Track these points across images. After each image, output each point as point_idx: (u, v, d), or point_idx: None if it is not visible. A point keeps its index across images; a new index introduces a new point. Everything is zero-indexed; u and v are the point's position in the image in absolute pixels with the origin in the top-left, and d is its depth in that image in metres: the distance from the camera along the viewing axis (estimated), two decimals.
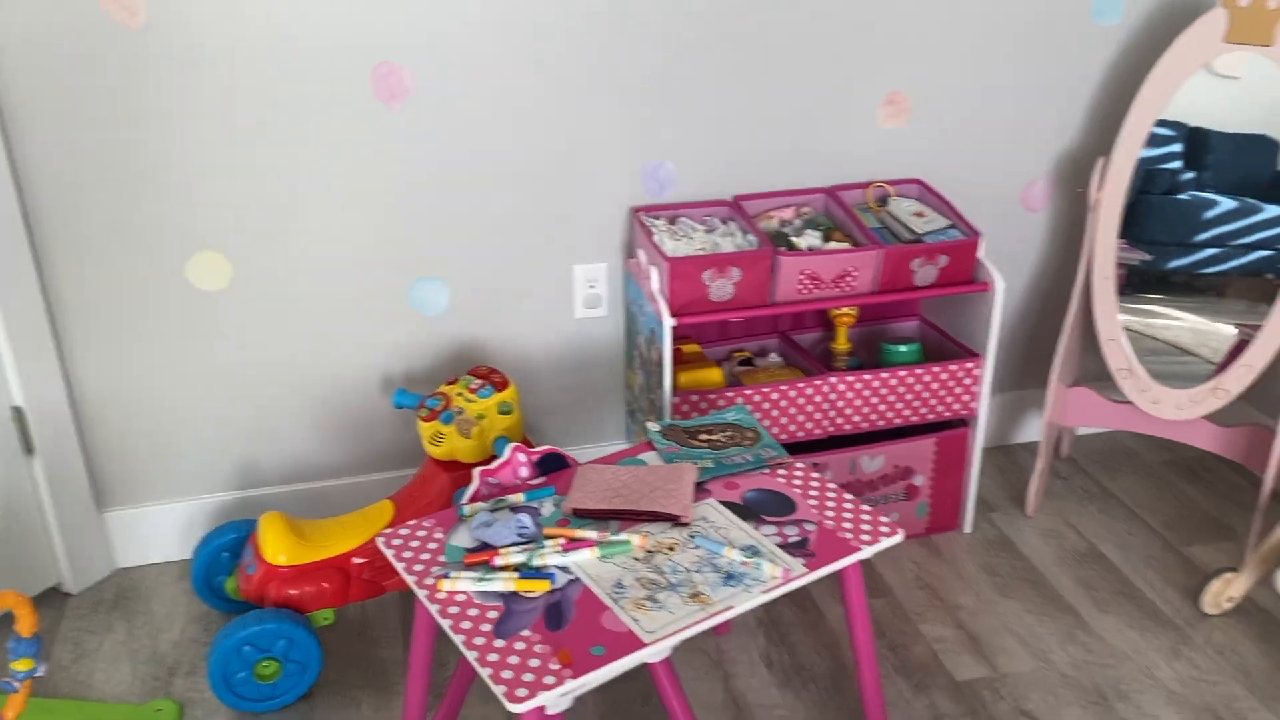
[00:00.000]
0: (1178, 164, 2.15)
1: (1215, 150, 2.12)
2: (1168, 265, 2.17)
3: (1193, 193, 2.15)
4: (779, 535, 1.46)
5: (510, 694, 1.18)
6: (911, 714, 1.76)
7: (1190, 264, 2.16)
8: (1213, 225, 2.13)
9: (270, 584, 1.78)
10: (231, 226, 1.92)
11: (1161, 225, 2.16)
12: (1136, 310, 2.16)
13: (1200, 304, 2.15)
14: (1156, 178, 2.14)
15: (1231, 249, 2.13)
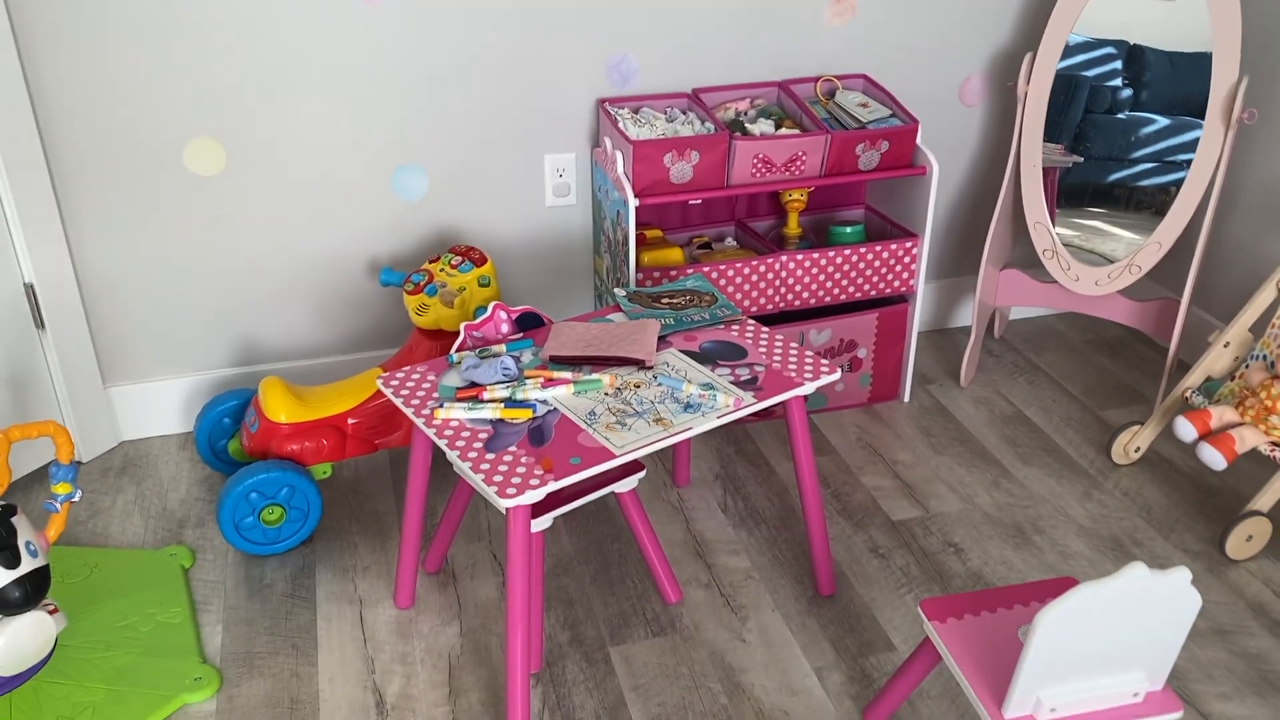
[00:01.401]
0: (1118, 82, 2.32)
1: (1153, 69, 2.27)
2: (1108, 179, 2.35)
3: (1130, 111, 2.32)
4: (732, 375, 1.66)
5: (501, 492, 1.37)
6: (851, 547, 1.98)
7: (1128, 177, 2.34)
8: (1148, 142, 2.29)
9: (272, 440, 1.95)
10: (226, 114, 2.06)
11: (1102, 141, 2.34)
12: (1078, 225, 2.34)
13: (1137, 220, 2.32)
14: (1098, 95, 2.31)
15: (1165, 164, 2.31)
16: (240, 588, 1.89)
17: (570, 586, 1.88)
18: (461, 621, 1.81)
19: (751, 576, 1.91)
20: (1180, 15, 2.13)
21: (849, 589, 1.88)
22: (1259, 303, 2.06)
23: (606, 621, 1.80)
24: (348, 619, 1.82)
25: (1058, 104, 2.29)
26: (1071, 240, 2.35)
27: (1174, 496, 2.12)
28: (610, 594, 1.86)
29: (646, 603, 1.84)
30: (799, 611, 1.83)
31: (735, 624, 1.80)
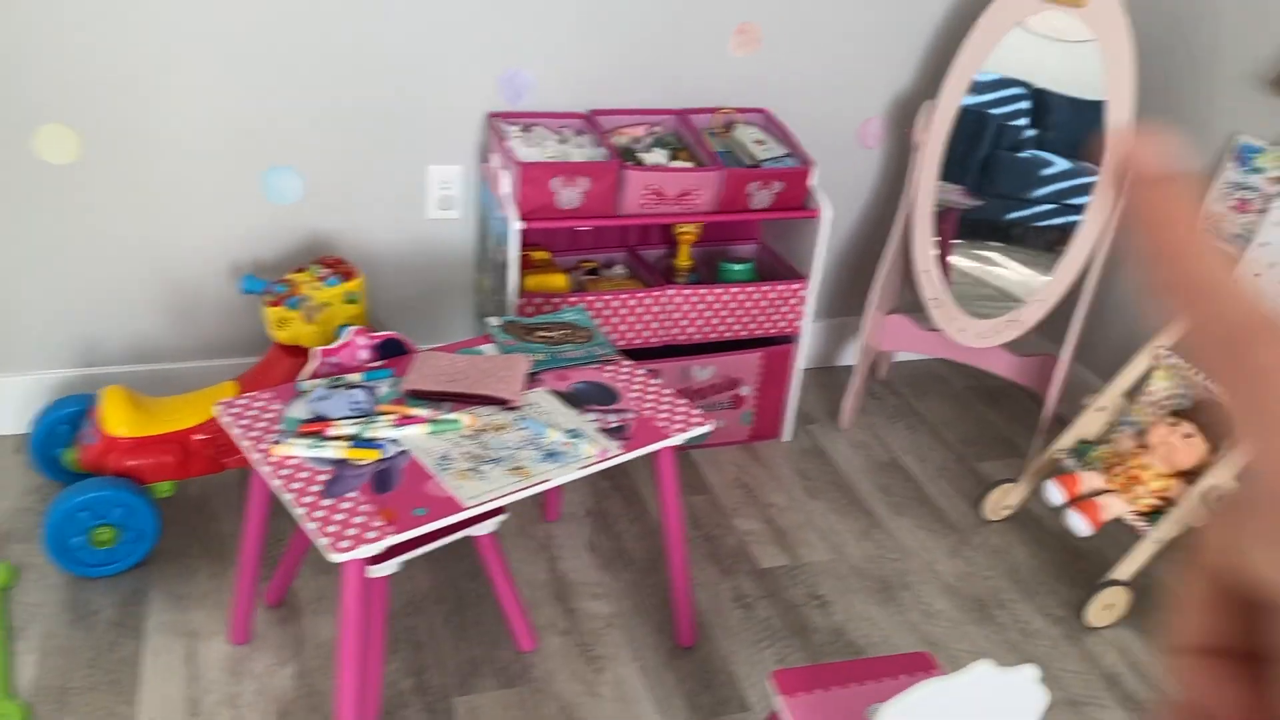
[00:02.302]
0: (1024, 121, 2.32)
1: (1056, 112, 2.29)
2: (1007, 216, 2.35)
3: (1033, 151, 2.33)
4: (600, 421, 1.59)
5: (333, 546, 1.28)
6: (717, 594, 1.94)
7: (1028, 217, 2.34)
8: (1049, 183, 2.31)
9: (109, 454, 1.82)
10: (81, 100, 1.91)
11: (1005, 178, 2.34)
12: (977, 255, 2.34)
13: (1033, 257, 2.33)
14: (1005, 133, 2.31)
15: (1064, 206, 2.32)
16: (63, 613, 1.76)
17: (420, 628, 1.79)
18: (299, 662, 1.70)
19: (612, 624, 1.85)
20: (1084, 62, 2.13)
21: (710, 640, 1.83)
22: (1134, 369, 2.07)
23: (455, 669, 1.72)
24: (176, 653, 1.70)
25: (966, 140, 2.28)
26: (972, 272, 2.35)
27: (1041, 557, 2.13)
28: (462, 638, 1.78)
29: (499, 649, 1.77)
30: (657, 664, 1.77)
31: (589, 676, 1.73)
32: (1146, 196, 0.24)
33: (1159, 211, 0.23)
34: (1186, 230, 0.23)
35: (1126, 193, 0.24)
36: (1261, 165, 2.06)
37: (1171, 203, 0.23)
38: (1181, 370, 1.98)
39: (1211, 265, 0.23)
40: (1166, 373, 2.02)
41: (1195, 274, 0.23)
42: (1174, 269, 0.23)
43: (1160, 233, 0.23)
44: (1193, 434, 1.89)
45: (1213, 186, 2.17)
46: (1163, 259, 0.23)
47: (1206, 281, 0.23)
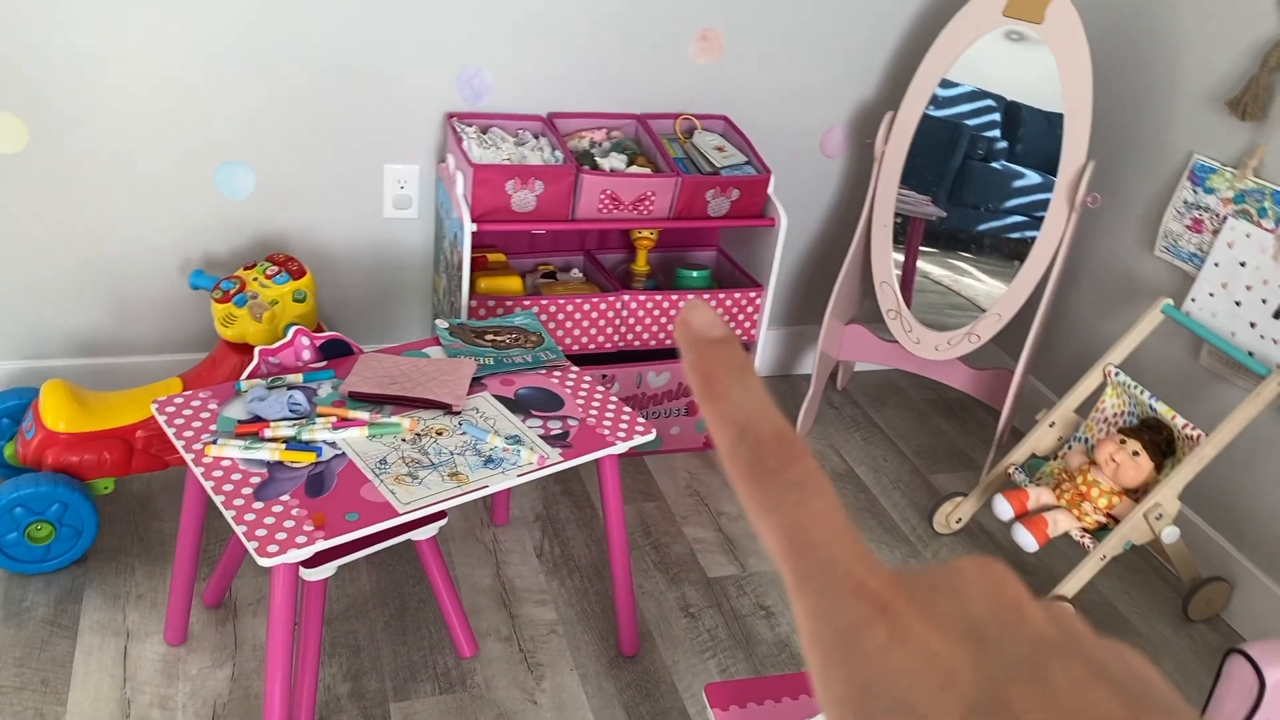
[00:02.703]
0: (995, 133, 2.32)
1: (1026, 125, 2.29)
2: (978, 227, 2.35)
3: (1004, 162, 2.33)
4: (543, 428, 1.58)
5: (261, 550, 1.26)
6: (663, 604, 1.93)
7: (998, 228, 2.34)
8: (1018, 195, 2.31)
9: (48, 450, 1.79)
10: (30, 90, 1.88)
11: (975, 189, 2.34)
12: (947, 264, 2.34)
13: (1001, 268, 2.33)
14: (978, 143, 2.31)
15: (1033, 219, 2.32)
16: None
17: (360, 632, 1.77)
18: (235, 664, 1.68)
19: (555, 630, 1.83)
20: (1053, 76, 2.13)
21: (653, 649, 1.82)
22: (1086, 385, 2.08)
23: (393, 674, 1.70)
24: (110, 653, 1.68)
25: (936, 149, 2.28)
26: (942, 280, 2.34)
27: None
28: (402, 643, 1.76)
29: (439, 655, 1.75)
30: (597, 672, 1.76)
31: (529, 683, 1.72)
32: (702, 354, 0.27)
33: (710, 363, 0.27)
34: (731, 374, 0.27)
35: (683, 352, 0.28)
36: (1215, 185, 2.07)
37: (722, 355, 0.27)
38: (1130, 389, 1.99)
39: (748, 398, 0.26)
40: (1116, 391, 2.03)
41: (735, 406, 0.26)
42: (718, 407, 0.26)
43: (711, 380, 0.27)
44: (1140, 452, 1.89)
45: (1168, 205, 2.18)
46: (711, 400, 0.27)
47: (744, 412, 0.26)
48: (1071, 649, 0.23)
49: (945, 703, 0.22)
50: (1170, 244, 2.18)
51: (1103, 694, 0.22)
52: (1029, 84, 2.20)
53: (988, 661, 0.23)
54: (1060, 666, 0.23)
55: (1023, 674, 0.22)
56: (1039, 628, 0.24)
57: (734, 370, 0.27)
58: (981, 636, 0.23)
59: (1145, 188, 2.28)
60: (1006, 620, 0.24)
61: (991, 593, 0.25)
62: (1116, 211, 2.37)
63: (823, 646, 0.23)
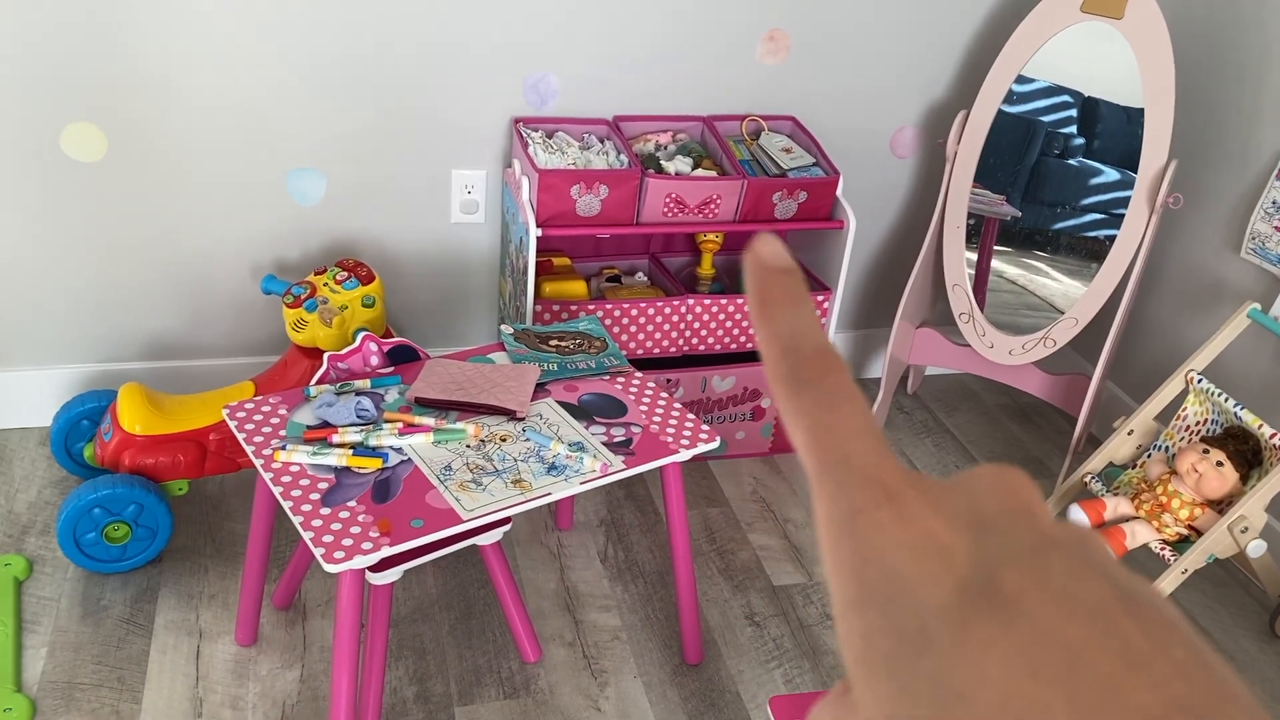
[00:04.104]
0: (1072, 129, 2.26)
1: (1104, 120, 2.23)
2: (1054, 226, 2.29)
3: (1081, 159, 2.26)
4: (606, 435, 1.57)
5: (328, 556, 1.27)
6: (727, 611, 1.91)
7: (1074, 227, 2.28)
8: (1096, 193, 2.24)
9: (125, 451, 1.83)
10: (109, 100, 1.93)
11: (1052, 187, 2.28)
12: (1023, 264, 2.28)
13: (1078, 268, 2.27)
14: (1054, 140, 2.25)
15: (1112, 217, 2.26)
16: (74, 608, 1.77)
17: (426, 635, 1.78)
18: (304, 665, 1.71)
19: (619, 637, 1.83)
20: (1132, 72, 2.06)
21: (717, 658, 1.81)
22: (1166, 392, 2.01)
23: (458, 677, 1.71)
24: (183, 652, 1.71)
25: (1011, 148, 2.23)
26: (1016, 279, 2.29)
27: None
28: (467, 646, 1.77)
29: (504, 659, 1.75)
30: (661, 680, 1.75)
31: (593, 690, 1.72)
32: (764, 280, 0.28)
33: (770, 288, 0.28)
34: (787, 299, 0.27)
35: (747, 277, 0.28)
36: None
37: (783, 283, 0.28)
38: (1214, 397, 1.92)
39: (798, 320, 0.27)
40: (1199, 398, 1.96)
41: (784, 325, 0.27)
42: (769, 326, 0.27)
43: (768, 302, 0.27)
44: (1224, 463, 1.83)
45: (1256, 205, 2.10)
46: (764, 320, 0.27)
47: (791, 330, 0.27)
48: (1074, 547, 0.24)
49: (936, 576, 0.23)
50: (1258, 245, 2.10)
51: (1096, 584, 0.22)
52: (1107, 79, 2.13)
53: (987, 546, 0.23)
54: (1058, 557, 0.23)
55: (1020, 560, 0.23)
56: (1045, 528, 0.24)
57: (790, 297, 0.28)
58: (985, 527, 0.24)
59: (1231, 187, 2.20)
60: (1014, 517, 0.24)
61: (1004, 494, 0.25)
62: (1199, 211, 2.29)
63: (834, 526, 0.25)
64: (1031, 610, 0.22)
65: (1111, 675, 0.20)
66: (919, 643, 0.22)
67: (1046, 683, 0.20)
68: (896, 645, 0.22)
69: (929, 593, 0.23)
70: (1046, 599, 0.22)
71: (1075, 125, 2.24)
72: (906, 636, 0.22)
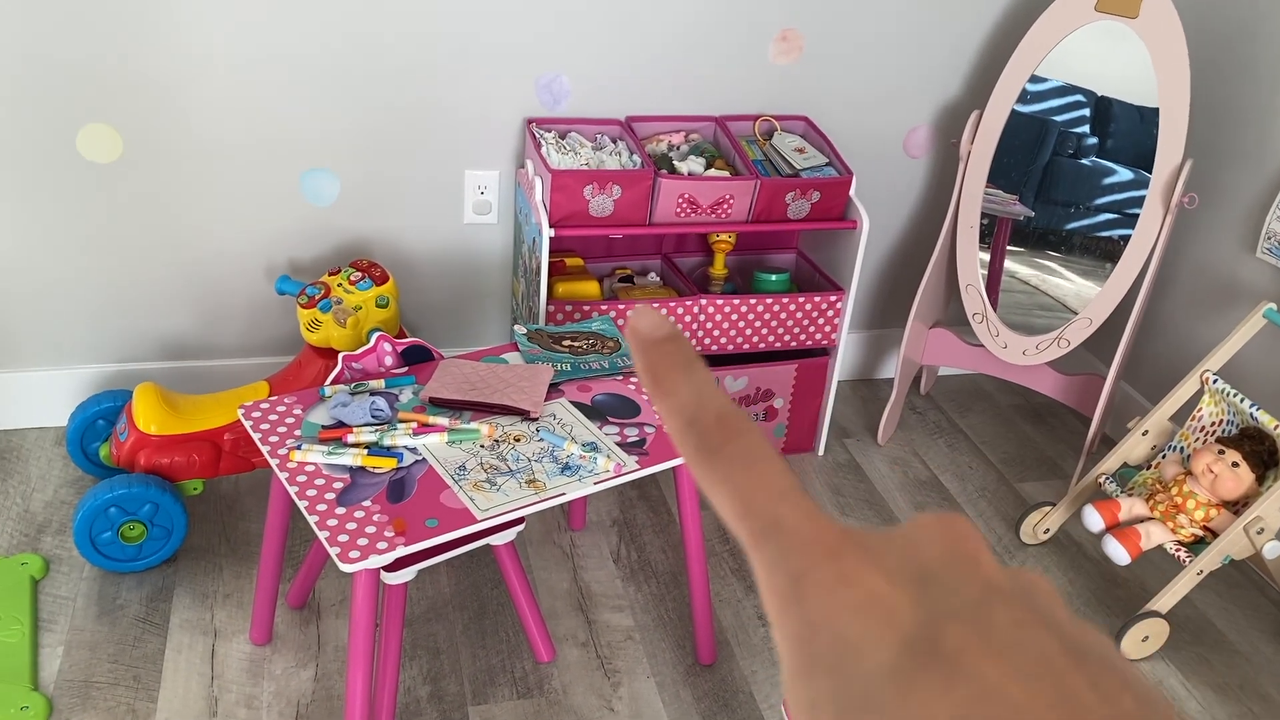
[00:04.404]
0: (1085, 129, 2.25)
1: (1117, 120, 2.22)
2: (1067, 226, 2.28)
3: (1094, 158, 2.26)
4: (619, 435, 1.57)
5: (343, 555, 1.28)
6: (740, 612, 1.91)
7: (1087, 226, 2.27)
8: (1109, 192, 2.23)
9: (141, 451, 1.84)
10: (124, 101, 1.94)
11: (1065, 187, 2.27)
12: (1035, 264, 2.28)
13: (1092, 268, 2.26)
14: (1066, 140, 2.24)
15: (1125, 217, 2.25)
16: (90, 607, 1.78)
17: (439, 635, 1.79)
18: (318, 664, 1.71)
19: (632, 637, 1.83)
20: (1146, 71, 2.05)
21: (730, 659, 1.80)
22: (1181, 393, 2.00)
23: (472, 677, 1.71)
24: (198, 651, 1.72)
25: (1024, 147, 2.22)
26: (1029, 279, 2.28)
27: (1078, 584, 2.07)
28: (480, 646, 1.77)
29: (517, 659, 1.76)
30: (674, 680, 1.75)
31: (607, 690, 1.72)
32: (649, 353, 0.28)
33: (658, 361, 0.28)
34: (678, 369, 0.27)
35: (633, 354, 0.28)
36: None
37: (669, 353, 0.28)
38: (1229, 397, 1.91)
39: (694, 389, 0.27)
40: (1214, 398, 1.95)
41: (682, 397, 0.27)
42: (667, 401, 0.27)
43: (659, 377, 0.27)
44: (1239, 464, 1.82)
45: (1271, 205, 2.09)
46: (661, 396, 0.27)
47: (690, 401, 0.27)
48: (1020, 598, 0.23)
49: (882, 637, 0.22)
50: (1274, 246, 2.09)
51: (1041, 636, 0.22)
52: (1121, 79, 2.13)
53: (930, 602, 0.23)
54: (1002, 608, 0.23)
55: (963, 614, 0.23)
56: (990, 576, 0.24)
57: (680, 365, 0.28)
58: (928, 580, 0.24)
59: (1246, 187, 2.19)
60: (958, 568, 0.24)
61: (948, 544, 0.25)
62: (1214, 211, 2.28)
63: (778, 594, 0.24)
64: (974, 668, 0.21)
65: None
66: (864, 707, 0.22)
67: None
68: (843, 710, 0.22)
69: (874, 655, 0.22)
70: (989, 655, 0.21)
71: (1089, 125, 2.24)
72: (853, 701, 0.22)
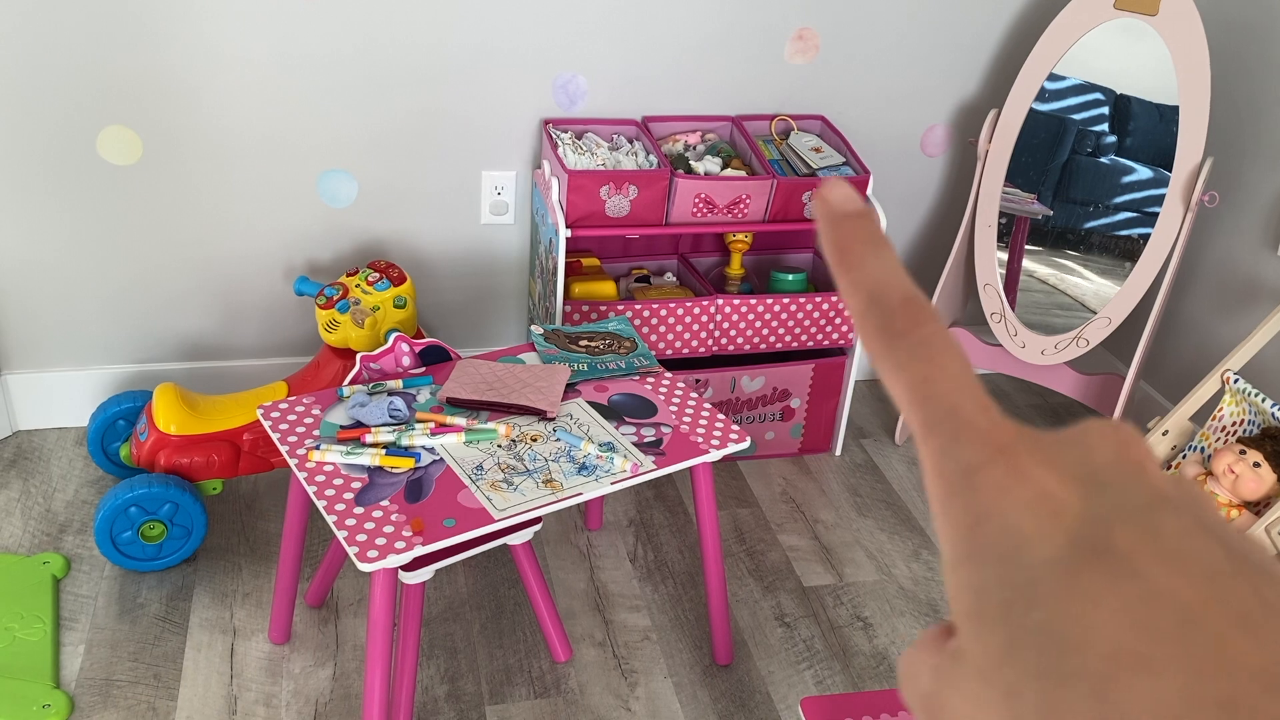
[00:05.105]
0: (1104, 127, 2.24)
1: (1137, 118, 2.21)
2: (1086, 225, 2.27)
3: (1113, 157, 2.24)
4: (636, 435, 1.57)
5: (361, 555, 1.28)
6: (757, 612, 1.91)
7: (1106, 225, 2.26)
8: (1128, 191, 2.22)
9: (160, 451, 1.85)
10: (143, 103, 1.95)
11: (1083, 185, 2.26)
12: (1054, 264, 2.26)
13: (1111, 266, 2.25)
14: (1085, 138, 2.23)
15: (1145, 215, 2.24)
16: (111, 606, 1.80)
17: (457, 634, 1.79)
18: (336, 663, 1.72)
19: (649, 637, 1.83)
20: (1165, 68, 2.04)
21: (747, 659, 1.80)
22: (1201, 393, 1.99)
23: (489, 676, 1.72)
24: (218, 650, 1.73)
25: (1043, 146, 2.21)
26: (1047, 279, 2.27)
27: None
28: (498, 646, 1.78)
29: (534, 659, 1.76)
30: (691, 680, 1.75)
31: (623, 690, 1.72)
32: (838, 227, 0.27)
33: (846, 235, 0.27)
34: (865, 245, 0.27)
35: (820, 226, 0.28)
36: None
37: (857, 228, 0.27)
38: (1250, 397, 1.89)
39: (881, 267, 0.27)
40: (1235, 398, 1.94)
41: (868, 274, 0.27)
42: (851, 275, 0.27)
43: (846, 251, 0.27)
44: (1261, 464, 1.80)
45: None
46: (845, 269, 0.27)
47: (875, 279, 0.27)
48: (1186, 506, 0.24)
49: (1052, 532, 0.23)
50: None
51: (1208, 544, 0.22)
52: (1140, 76, 2.11)
53: (1099, 503, 0.23)
54: (1171, 516, 0.23)
55: (1131, 518, 0.23)
56: (1157, 483, 0.24)
57: (868, 241, 0.27)
58: (1098, 481, 0.24)
59: (1267, 184, 2.17)
60: (1125, 472, 0.25)
61: (1115, 449, 0.25)
62: (1235, 209, 2.26)
63: (945, 481, 0.25)
64: (1143, 568, 0.22)
65: (1222, 636, 0.20)
66: (1030, 596, 0.22)
67: (1157, 639, 0.21)
68: (1008, 598, 0.23)
69: (1041, 548, 0.23)
70: (1158, 558, 0.22)
71: (1108, 123, 2.22)
72: (1018, 590, 0.22)
